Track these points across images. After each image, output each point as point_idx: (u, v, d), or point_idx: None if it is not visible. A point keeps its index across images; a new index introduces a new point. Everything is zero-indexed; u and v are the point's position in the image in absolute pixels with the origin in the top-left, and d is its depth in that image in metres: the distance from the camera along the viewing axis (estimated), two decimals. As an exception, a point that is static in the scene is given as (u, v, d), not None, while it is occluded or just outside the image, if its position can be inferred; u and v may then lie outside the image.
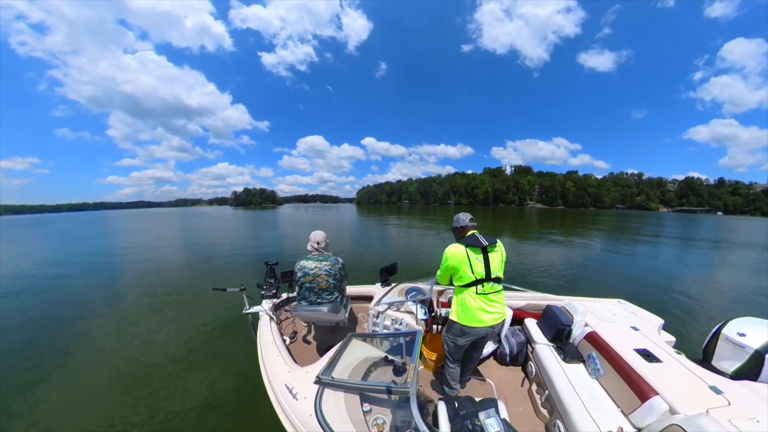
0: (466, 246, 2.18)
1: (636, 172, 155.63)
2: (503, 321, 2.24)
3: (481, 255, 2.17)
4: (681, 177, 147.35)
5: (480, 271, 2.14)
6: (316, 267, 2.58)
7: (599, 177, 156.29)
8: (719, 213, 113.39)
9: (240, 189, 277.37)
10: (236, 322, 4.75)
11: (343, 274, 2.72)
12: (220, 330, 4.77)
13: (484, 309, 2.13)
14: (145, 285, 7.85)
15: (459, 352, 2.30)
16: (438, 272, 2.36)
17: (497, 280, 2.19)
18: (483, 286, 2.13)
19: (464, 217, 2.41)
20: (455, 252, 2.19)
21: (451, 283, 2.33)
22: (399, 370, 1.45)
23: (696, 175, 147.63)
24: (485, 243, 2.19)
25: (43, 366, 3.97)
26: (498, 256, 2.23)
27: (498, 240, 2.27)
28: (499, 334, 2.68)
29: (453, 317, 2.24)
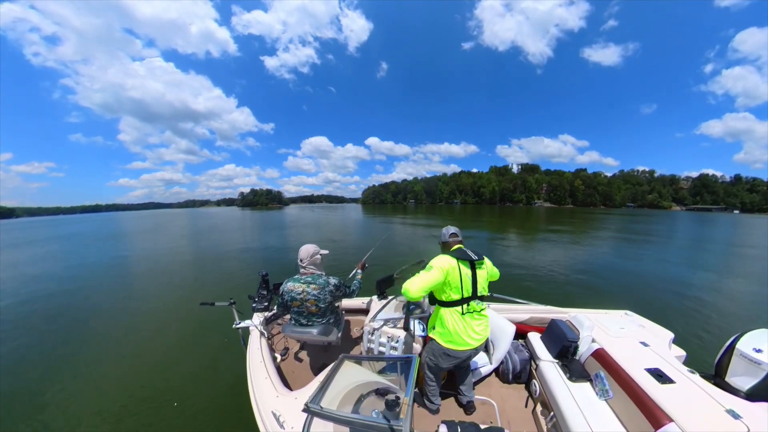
0: (457, 259, 2.02)
1: (647, 169, 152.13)
2: (486, 339, 2.13)
3: (470, 270, 2.04)
4: (694, 174, 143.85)
5: (468, 288, 2.02)
6: (303, 291, 2.37)
7: (609, 175, 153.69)
8: (736, 211, 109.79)
9: (247, 190, 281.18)
10: (227, 336, 4.60)
11: (336, 295, 2.48)
12: (210, 345, 4.63)
13: (468, 331, 2.01)
14: (137, 292, 7.92)
15: (440, 372, 2.21)
16: (411, 283, 1.93)
17: (482, 298, 2.09)
18: (469, 305, 2.02)
19: (446, 232, 2.23)
20: (445, 263, 1.99)
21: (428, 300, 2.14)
22: (391, 405, 1.34)
23: (710, 171, 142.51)
24: (474, 258, 2.05)
25: (37, 376, 3.99)
26: (485, 273, 2.14)
27: (485, 256, 2.17)
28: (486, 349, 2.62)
29: (434, 336, 2.12)
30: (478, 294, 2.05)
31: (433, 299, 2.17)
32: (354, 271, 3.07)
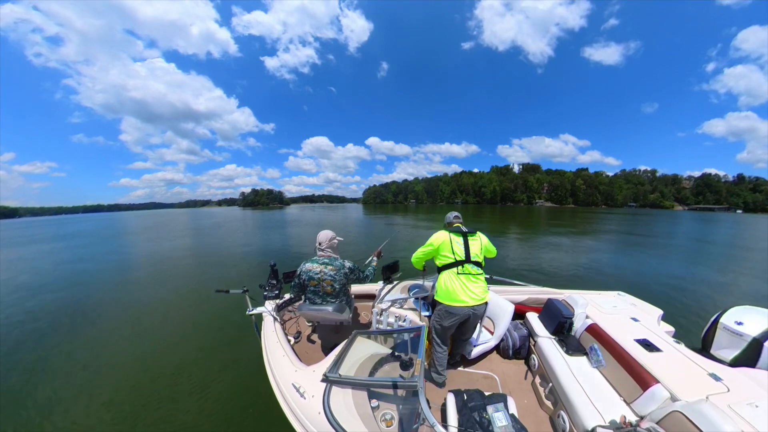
0: (449, 231, 2.48)
1: (649, 168, 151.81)
2: (485, 304, 2.36)
3: (461, 239, 2.43)
4: (697, 173, 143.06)
5: (459, 252, 2.35)
6: (321, 271, 2.50)
7: (610, 174, 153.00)
8: (739, 211, 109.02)
9: (248, 190, 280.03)
10: (240, 323, 4.74)
11: (351, 278, 2.60)
12: (224, 331, 4.76)
13: (464, 289, 2.28)
14: (151, 286, 8.05)
15: (446, 334, 2.42)
16: (415, 253, 2.62)
17: (477, 264, 2.37)
18: (463, 267, 2.32)
19: (450, 215, 2.70)
20: (435, 236, 2.51)
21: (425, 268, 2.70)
22: (405, 365, 1.51)
23: (713, 171, 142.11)
24: (465, 230, 2.49)
25: (45, 366, 4.09)
26: (477, 244, 2.45)
27: (479, 231, 2.52)
28: (481, 318, 2.74)
29: (437, 299, 2.40)
30: (472, 259, 2.35)
31: (437, 270, 2.51)
32: (370, 258, 3.24)
